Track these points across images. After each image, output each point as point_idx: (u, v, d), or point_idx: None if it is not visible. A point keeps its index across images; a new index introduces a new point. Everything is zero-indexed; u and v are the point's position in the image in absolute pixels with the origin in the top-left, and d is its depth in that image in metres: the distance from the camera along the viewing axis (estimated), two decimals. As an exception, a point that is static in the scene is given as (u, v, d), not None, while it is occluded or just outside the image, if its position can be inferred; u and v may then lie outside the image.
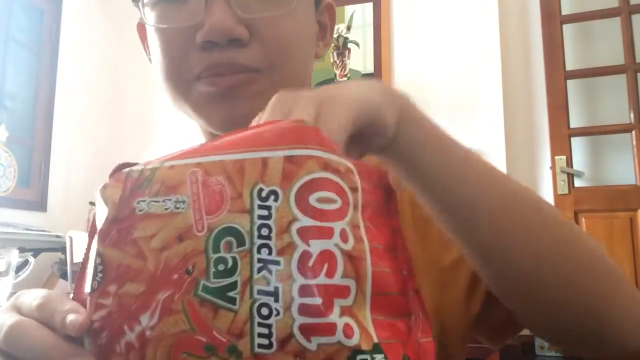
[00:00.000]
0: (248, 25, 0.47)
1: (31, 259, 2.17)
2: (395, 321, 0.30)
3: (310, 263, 0.27)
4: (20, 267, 2.12)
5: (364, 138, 0.35)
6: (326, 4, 0.57)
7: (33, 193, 2.81)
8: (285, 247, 0.28)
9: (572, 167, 2.48)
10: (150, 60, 0.57)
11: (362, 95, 0.34)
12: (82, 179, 2.97)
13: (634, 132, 2.43)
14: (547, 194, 2.55)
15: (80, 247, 2.26)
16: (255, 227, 0.28)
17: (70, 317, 0.31)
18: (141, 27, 0.58)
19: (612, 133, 2.53)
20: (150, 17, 0.51)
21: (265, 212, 0.28)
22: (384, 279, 0.30)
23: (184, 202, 0.30)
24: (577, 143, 2.55)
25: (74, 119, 3.02)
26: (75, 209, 2.85)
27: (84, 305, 0.32)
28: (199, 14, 0.46)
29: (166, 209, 0.31)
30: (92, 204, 2.80)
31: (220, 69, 0.47)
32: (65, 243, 2.32)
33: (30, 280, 2.16)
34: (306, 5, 0.51)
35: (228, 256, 0.28)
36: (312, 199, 0.28)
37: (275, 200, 0.28)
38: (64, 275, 2.36)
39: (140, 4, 0.52)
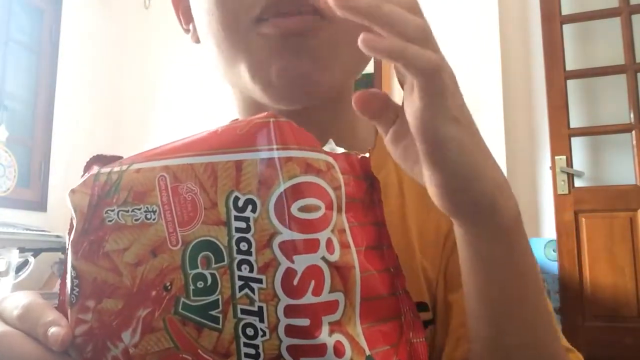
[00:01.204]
0: None
1: (31, 259, 2.17)
2: (385, 325, 0.29)
3: (295, 281, 0.25)
4: (20, 267, 2.11)
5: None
6: None
7: (33, 193, 2.81)
8: (268, 263, 0.26)
9: (572, 167, 2.48)
10: (185, 30, 0.52)
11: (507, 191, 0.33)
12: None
13: (634, 132, 2.42)
14: (547, 194, 2.55)
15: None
16: (234, 241, 0.26)
17: (52, 330, 0.30)
18: None
19: (612, 133, 2.52)
20: None
21: (243, 225, 0.26)
22: (373, 282, 0.28)
23: (154, 212, 0.28)
24: (577, 143, 2.54)
25: (74, 119, 3.02)
26: (75, 209, 2.84)
27: (66, 312, 0.31)
28: None
29: (136, 219, 0.29)
30: (92, 204, 2.80)
31: (285, 6, 0.40)
32: (65, 243, 2.31)
33: (30, 280, 2.16)
34: None
35: (207, 272, 0.27)
36: (294, 209, 0.26)
37: (253, 210, 0.26)
38: (64, 275, 2.36)
39: None
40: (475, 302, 0.38)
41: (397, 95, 0.35)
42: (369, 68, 2.97)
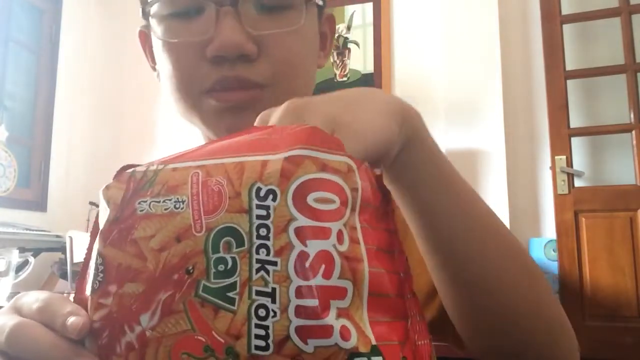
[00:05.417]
0: (257, 42, 0.48)
1: (31, 259, 2.17)
2: (392, 322, 0.30)
3: (307, 264, 0.27)
4: (20, 267, 2.11)
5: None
6: (327, 16, 0.58)
7: (33, 193, 2.81)
8: (283, 247, 0.27)
9: (572, 167, 2.48)
10: (152, 67, 0.59)
11: (379, 124, 0.33)
12: (82, 179, 2.97)
13: (634, 132, 2.42)
14: (547, 194, 2.55)
15: (80, 247, 2.26)
16: (254, 227, 0.28)
17: (71, 320, 0.31)
18: (142, 35, 0.60)
19: (612, 133, 2.53)
20: (158, 30, 0.52)
21: (263, 212, 0.28)
22: (381, 280, 0.30)
23: (183, 202, 0.30)
24: (577, 143, 2.55)
25: (74, 119, 3.02)
26: (75, 209, 2.85)
27: (84, 307, 0.32)
28: (209, 29, 0.48)
29: (166, 209, 0.31)
30: (92, 204, 2.80)
31: (229, 84, 0.49)
32: (65, 243, 2.32)
33: (30, 280, 2.16)
34: (311, 20, 0.53)
35: (228, 256, 0.29)
36: (310, 199, 0.28)
37: (274, 199, 0.28)
38: (64, 275, 2.36)
39: (149, 17, 0.53)
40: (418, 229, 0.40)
41: (399, 94, 0.35)
42: (369, 67, 2.97)
